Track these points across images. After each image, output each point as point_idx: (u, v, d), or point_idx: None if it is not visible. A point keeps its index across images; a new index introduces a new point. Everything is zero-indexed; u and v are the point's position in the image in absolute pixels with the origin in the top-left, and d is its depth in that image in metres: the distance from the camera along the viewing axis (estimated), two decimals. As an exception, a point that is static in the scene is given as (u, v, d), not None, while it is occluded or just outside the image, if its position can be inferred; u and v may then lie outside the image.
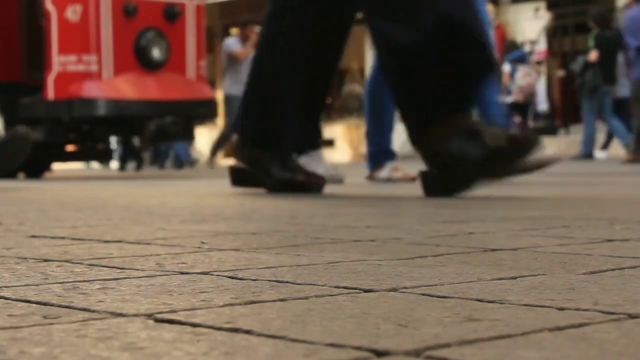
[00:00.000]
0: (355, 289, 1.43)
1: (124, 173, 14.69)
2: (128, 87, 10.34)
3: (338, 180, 5.41)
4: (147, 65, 10.48)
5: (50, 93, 10.28)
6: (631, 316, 1.16)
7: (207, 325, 1.13)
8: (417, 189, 4.83)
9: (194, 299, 1.34)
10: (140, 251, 2.05)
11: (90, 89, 10.20)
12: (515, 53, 17.43)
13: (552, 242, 2.14)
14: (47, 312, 1.24)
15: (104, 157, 12.99)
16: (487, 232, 2.42)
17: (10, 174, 11.74)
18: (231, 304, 1.29)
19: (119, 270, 1.70)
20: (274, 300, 1.32)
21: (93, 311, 1.25)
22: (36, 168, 12.23)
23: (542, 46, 17.18)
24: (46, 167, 12.43)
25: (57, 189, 6.48)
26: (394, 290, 1.41)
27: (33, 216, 3.30)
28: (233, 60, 14.54)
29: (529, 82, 16.41)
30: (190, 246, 2.14)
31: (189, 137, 11.72)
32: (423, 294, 1.36)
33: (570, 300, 1.29)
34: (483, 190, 4.58)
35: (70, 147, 12.13)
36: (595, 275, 1.56)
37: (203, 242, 2.23)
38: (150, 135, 10.64)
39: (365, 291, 1.40)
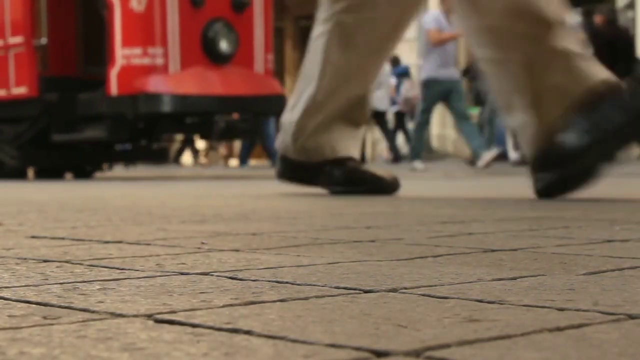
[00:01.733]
0: (355, 289, 1.43)
1: (179, 172, 13.53)
2: (195, 82, 9.70)
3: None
4: (215, 58, 9.84)
5: (113, 88, 9.63)
6: (631, 317, 1.16)
7: (207, 325, 1.13)
8: (416, 190, 4.82)
9: (194, 300, 1.34)
10: (140, 252, 2.05)
11: (157, 84, 9.58)
12: (400, 68, 19.88)
13: (551, 243, 2.14)
14: (47, 312, 1.24)
15: (159, 156, 12.18)
16: (486, 233, 2.42)
17: (59, 175, 11.18)
18: (231, 305, 1.29)
19: (119, 271, 1.70)
20: (274, 301, 1.32)
21: (93, 312, 1.25)
22: (85, 168, 11.48)
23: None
24: (97, 167, 11.70)
25: (57, 190, 6.48)
26: (394, 290, 1.41)
27: (33, 217, 3.30)
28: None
29: (414, 94, 18.04)
30: (190, 247, 2.14)
31: (256, 135, 11.01)
32: (423, 295, 1.36)
33: (570, 300, 1.29)
34: (482, 191, 4.58)
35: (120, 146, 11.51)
36: (595, 276, 1.56)
37: (203, 243, 2.23)
38: (219, 133, 9.99)
39: (365, 292, 1.40)
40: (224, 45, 9.79)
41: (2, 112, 10.55)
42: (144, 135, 10.58)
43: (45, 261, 1.88)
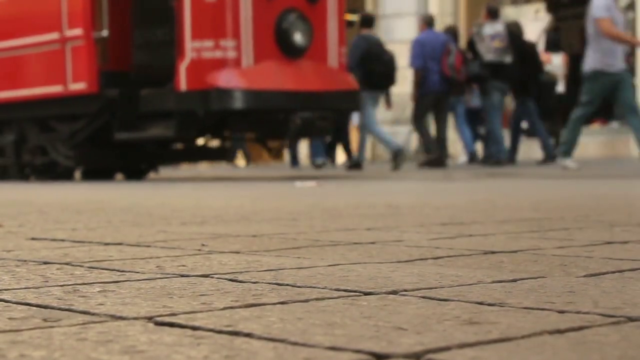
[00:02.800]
0: (355, 291, 1.43)
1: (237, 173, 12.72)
2: (269, 77, 8.94)
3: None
4: (288, 51, 9.09)
5: (182, 83, 8.85)
6: (631, 319, 1.16)
7: (207, 328, 1.13)
8: (416, 192, 4.82)
9: (194, 302, 1.34)
10: (140, 254, 2.05)
11: (229, 79, 8.82)
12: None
13: (552, 245, 2.13)
14: (47, 315, 1.24)
15: (219, 155, 11.24)
16: (486, 235, 2.42)
17: (109, 176, 10.49)
18: (231, 307, 1.29)
19: (119, 273, 1.70)
20: (274, 303, 1.32)
21: (93, 314, 1.25)
22: (140, 168, 10.77)
23: (541, 48, 17.19)
24: (152, 168, 10.97)
25: (57, 191, 6.48)
26: (394, 293, 1.41)
27: (33, 218, 3.30)
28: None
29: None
30: (191, 248, 2.14)
31: (329, 133, 10.24)
32: (423, 297, 1.36)
33: (570, 303, 1.29)
34: (482, 192, 4.58)
35: (180, 145, 10.68)
36: (595, 278, 1.56)
37: (203, 245, 2.23)
38: (295, 131, 9.33)
39: (366, 294, 1.40)
40: (298, 37, 9.11)
41: (58, 109, 9.91)
42: (212, 133, 9.95)
43: (45, 263, 1.88)
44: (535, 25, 17.25)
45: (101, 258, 1.96)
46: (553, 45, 13.98)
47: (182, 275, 1.65)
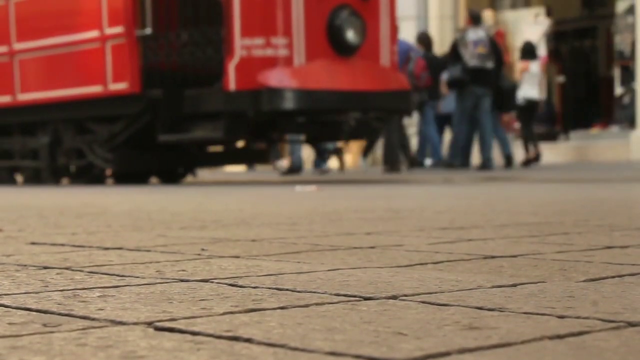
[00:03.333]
0: (355, 296, 1.43)
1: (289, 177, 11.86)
2: (321, 76, 8.51)
3: None
4: (341, 49, 8.66)
5: (231, 83, 8.38)
6: (631, 324, 1.16)
7: (207, 333, 1.13)
8: (416, 196, 4.82)
9: (194, 307, 1.34)
10: (140, 258, 2.05)
11: (281, 78, 8.39)
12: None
13: (551, 249, 2.14)
14: (47, 320, 1.24)
15: (259, 158, 10.84)
16: (486, 239, 2.42)
17: (143, 180, 10.04)
18: (231, 312, 1.29)
19: (119, 278, 1.70)
20: (274, 308, 1.32)
21: (93, 319, 1.25)
22: (176, 172, 10.33)
23: (541, 52, 17.19)
24: (189, 171, 10.46)
25: (57, 195, 6.48)
26: (394, 298, 1.41)
27: (33, 223, 3.30)
28: None
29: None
30: (190, 253, 2.14)
31: (379, 136, 9.74)
32: (423, 302, 1.36)
33: (570, 308, 1.29)
34: (482, 197, 4.58)
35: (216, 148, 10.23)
36: (595, 283, 1.56)
37: (203, 249, 2.23)
38: (349, 132, 8.98)
39: (365, 299, 1.40)
40: (350, 35, 8.68)
41: (96, 111, 9.47)
42: (261, 135, 9.41)
43: (45, 268, 1.88)
44: (534, 29, 17.25)
45: (101, 263, 1.96)
46: (528, 53, 14.09)
47: (182, 280, 1.65)
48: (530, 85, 13.90)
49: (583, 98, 18.74)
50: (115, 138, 9.31)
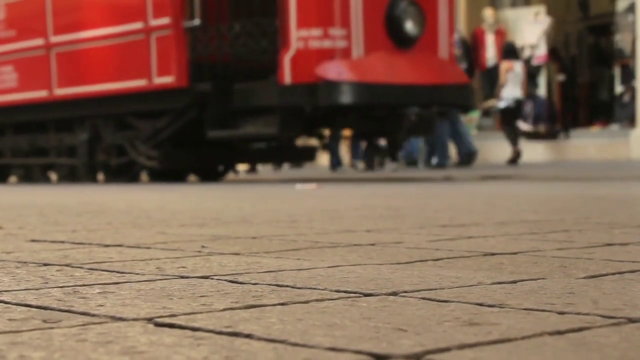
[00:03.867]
0: (355, 293, 1.43)
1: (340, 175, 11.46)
2: (381, 69, 8.07)
3: None
4: (400, 41, 8.22)
5: (287, 76, 7.94)
6: (631, 320, 1.16)
7: (207, 329, 1.13)
8: (416, 193, 4.82)
9: (194, 303, 1.34)
10: (140, 255, 2.05)
11: (340, 71, 7.94)
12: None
13: (551, 246, 2.13)
14: (47, 316, 1.24)
15: (305, 156, 10.30)
16: (486, 236, 2.42)
17: (181, 178, 9.54)
18: (231, 308, 1.29)
19: (119, 275, 1.70)
20: (274, 304, 1.32)
21: (93, 315, 1.24)
22: (216, 169, 9.81)
23: (542, 50, 17.19)
24: (229, 168, 10.02)
25: (57, 193, 6.48)
26: (394, 294, 1.41)
27: (33, 220, 3.30)
28: None
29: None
30: (190, 250, 2.14)
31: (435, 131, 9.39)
32: (423, 298, 1.36)
33: (570, 304, 1.29)
34: (482, 194, 4.58)
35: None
36: (595, 280, 1.56)
37: (203, 246, 2.23)
38: (409, 128, 8.55)
39: (365, 295, 1.40)
40: (409, 26, 8.25)
41: (139, 106, 9.00)
42: (314, 130, 8.99)
43: (45, 265, 1.88)
44: (535, 27, 17.25)
45: (101, 259, 1.96)
46: (511, 53, 14.14)
47: (182, 277, 1.65)
48: (514, 85, 13.94)
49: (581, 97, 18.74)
50: (158, 134, 8.87)
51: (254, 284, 1.54)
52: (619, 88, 17.10)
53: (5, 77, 10.14)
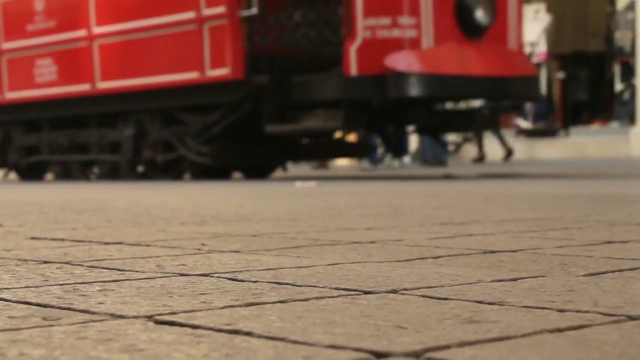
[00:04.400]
0: (355, 290, 1.43)
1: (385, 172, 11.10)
2: (452, 60, 7.73)
3: None
4: (469, 30, 7.86)
5: (353, 67, 7.53)
6: (631, 318, 1.16)
7: (207, 327, 1.13)
8: (416, 191, 4.82)
9: (194, 301, 1.34)
10: (140, 253, 2.05)
11: (410, 62, 7.55)
12: None
13: (551, 244, 2.14)
14: (47, 313, 1.24)
15: (357, 151, 9.98)
16: (486, 234, 2.42)
17: (225, 175, 9.08)
18: (231, 306, 1.29)
19: (119, 272, 1.70)
20: (274, 302, 1.32)
21: (93, 313, 1.25)
22: (261, 166, 9.38)
23: (542, 48, 17.19)
24: (278, 165, 9.63)
25: (57, 191, 6.48)
26: (394, 292, 1.41)
27: (33, 218, 3.30)
28: None
29: None
30: (190, 248, 2.14)
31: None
32: (423, 296, 1.36)
33: (570, 302, 1.29)
34: (482, 192, 4.58)
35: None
36: (595, 277, 1.56)
37: (203, 244, 2.23)
38: (483, 122, 8.26)
39: (365, 293, 1.40)
40: (480, 15, 7.86)
41: (190, 99, 8.57)
42: (379, 125, 8.54)
43: (45, 262, 1.88)
44: (535, 25, 17.25)
45: (101, 257, 1.96)
46: None
47: (182, 275, 1.65)
48: None
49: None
50: (210, 129, 8.45)
51: (254, 281, 1.54)
52: (619, 86, 17.10)
53: (43, 70, 9.69)
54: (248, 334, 1.08)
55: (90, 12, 9.16)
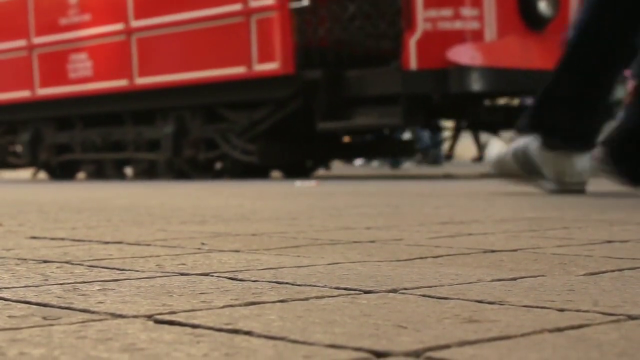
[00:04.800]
0: (355, 290, 1.43)
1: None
2: (515, 53, 7.47)
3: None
4: (532, 22, 7.59)
5: (412, 61, 7.27)
6: (631, 317, 1.16)
7: (207, 326, 1.13)
8: (416, 190, 4.82)
9: (194, 300, 1.34)
10: (140, 252, 2.05)
11: (473, 55, 7.32)
12: None
13: (551, 243, 2.14)
14: (47, 313, 1.24)
15: (406, 149, 9.56)
16: (486, 234, 2.42)
17: (263, 174, 8.70)
18: (231, 305, 1.29)
19: (119, 272, 1.70)
20: (274, 302, 1.32)
21: (93, 312, 1.25)
22: (304, 164, 9.00)
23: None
24: (320, 164, 9.36)
25: (57, 190, 6.48)
26: (394, 291, 1.41)
27: (33, 217, 3.30)
28: None
29: None
30: (190, 247, 2.14)
31: None
32: (423, 295, 1.36)
33: (570, 301, 1.29)
34: (482, 191, 4.58)
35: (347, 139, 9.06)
36: (595, 277, 1.56)
37: (203, 244, 2.23)
38: None
39: (365, 292, 1.40)
40: (543, 6, 7.62)
41: (234, 95, 8.21)
42: (435, 120, 8.28)
43: (45, 262, 1.88)
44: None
45: (101, 257, 1.96)
46: None
47: (182, 274, 1.65)
48: None
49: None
50: (256, 126, 8.13)
51: (254, 281, 1.54)
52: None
53: (77, 65, 9.39)
54: (248, 333, 1.08)
55: (128, 5, 8.85)
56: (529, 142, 4.67)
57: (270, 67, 7.89)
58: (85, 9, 9.29)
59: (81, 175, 10.00)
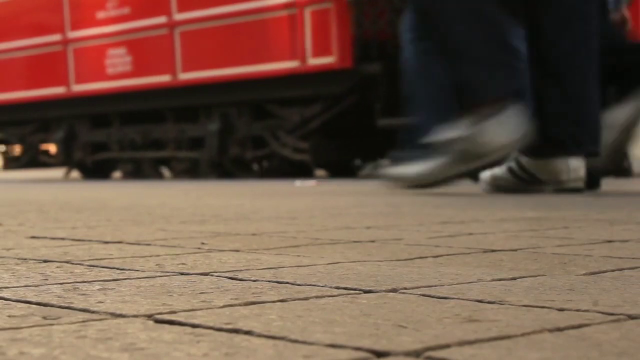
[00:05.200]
0: (355, 289, 1.43)
1: None
2: None
3: None
4: None
5: None
6: (631, 317, 1.16)
7: (207, 326, 1.13)
8: (415, 190, 4.83)
9: (194, 300, 1.34)
10: (140, 252, 2.05)
11: None
12: None
13: (551, 243, 2.14)
14: (47, 312, 1.24)
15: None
16: (486, 233, 2.42)
17: (308, 173, 8.20)
18: (231, 305, 1.29)
19: (119, 271, 1.70)
20: (274, 301, 1.32)
21: (93, 312, 1.25)
22: (352, 163, 8.41)
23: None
24: (372, 162, 8.77)
25: (57, 190, 6.48)
26: (394, 291, 1.41)
27: (33, 217, 3.30)
28: None
29: None
30: (190, 247, 2.14)
31: None
32: (423, 295, 1.36)
33: (570, 301, 1.29)
34: (480, 191, 4.59)
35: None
36: (595, 276, 1.56)
37: (203, 243, 2.23)
38: None
39: (365, 292, 1.40)
40: None
41: (286, 91, 7.83)
42: None
43: (45, 261, 1.88)
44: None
45: (101, 256, 1.96)
46: None
47: (182, 274, 1.65)
48: None
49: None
50: (308, 123, 7.78)
51: (254, 280, 1.55)
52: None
53: (116, 60, 9.05)
54: (248, 332, 1.08)
55: None
56: (518, 155, 4.75)
57: (326, 61, 7.57)
58: (125, 2, 8.95)
59: (117, 174, 9.62)
